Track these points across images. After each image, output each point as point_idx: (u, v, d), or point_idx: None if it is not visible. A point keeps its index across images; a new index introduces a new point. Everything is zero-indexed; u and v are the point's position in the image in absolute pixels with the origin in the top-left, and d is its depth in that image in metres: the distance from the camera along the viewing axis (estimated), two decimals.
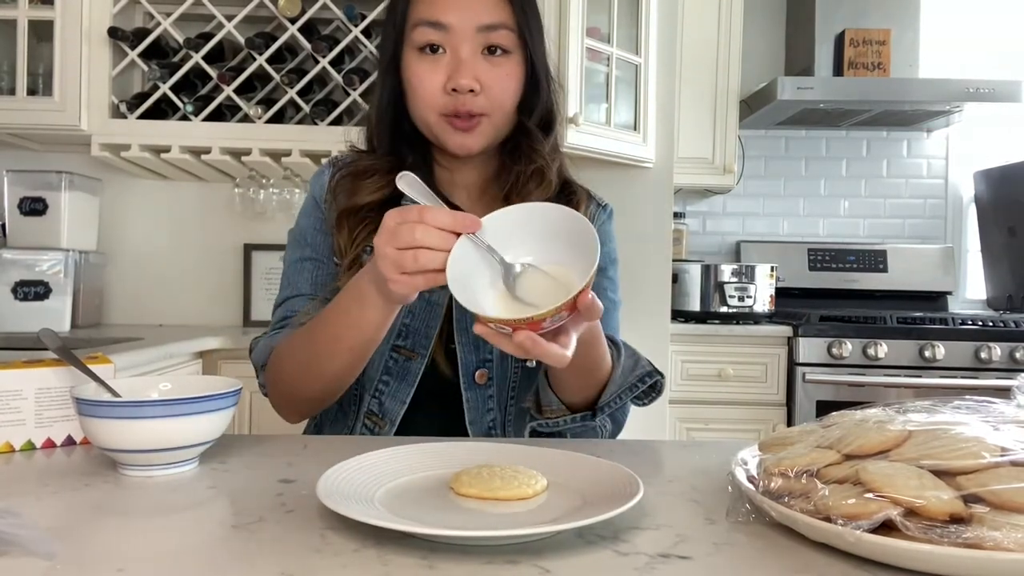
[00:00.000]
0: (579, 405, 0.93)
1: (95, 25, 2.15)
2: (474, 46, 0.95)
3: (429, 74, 0.95)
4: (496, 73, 0.96)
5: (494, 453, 0.73)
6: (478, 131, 0.97)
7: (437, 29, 0.94)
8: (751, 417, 2.61)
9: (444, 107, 0.95)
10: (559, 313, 0.66)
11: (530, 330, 0.67)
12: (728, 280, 2.71)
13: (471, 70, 0.94)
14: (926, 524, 0.49)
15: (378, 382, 1.00)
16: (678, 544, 0.55)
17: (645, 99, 2.42)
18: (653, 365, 0.97)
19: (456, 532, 0.54)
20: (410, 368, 0.99)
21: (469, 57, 0.94)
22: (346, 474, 0.65)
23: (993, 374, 2.53)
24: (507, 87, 0.97)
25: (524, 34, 0.97)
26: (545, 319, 0.66)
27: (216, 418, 0.72)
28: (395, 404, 0.99)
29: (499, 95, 0.96)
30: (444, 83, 0.95)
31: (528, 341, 0.67)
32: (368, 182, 1.00)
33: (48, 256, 2.12)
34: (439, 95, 0.95)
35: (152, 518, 0.60)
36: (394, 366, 0.99)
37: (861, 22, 3.01)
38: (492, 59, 0.96)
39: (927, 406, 0.64)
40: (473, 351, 0.99)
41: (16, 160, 2.35)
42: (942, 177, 3.34)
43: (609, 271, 1.11)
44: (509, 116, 1.00)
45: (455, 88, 0.94)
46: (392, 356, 0.99)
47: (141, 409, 0.69)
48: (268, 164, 2.26)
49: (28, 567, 0.49)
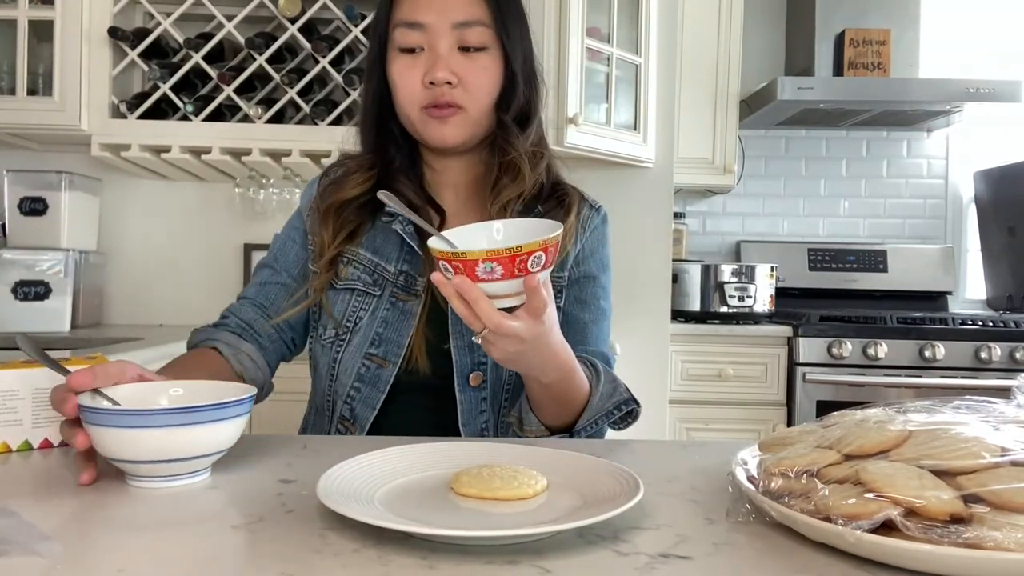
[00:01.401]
0: (557, 427, 0.95)
1: (95, 25, 2.15)
2: (450, 42, 0.98)
3: (410, 70, 0.99)
4: (472, 67, 0.99)
5: (494, 453, 0.73)
6: (454, 122, 1.00)
7: (415, 29, 0.99)
8: (751, 417, 2.61)
9: (423, 100, 0.99)
10: (491, 262, 0.70)
11: (467, 274, 0.71)
12: (728, 280, 2.71)
13: (447, 64, 0.98)
14: (926, 524, 0.49)
15: (350, 388, 1.02)
16: (678, 544, 0.55)
17: (645, 99, 2.42)
18: (630, 392, 0.98)
19: (456, 532, 0.54)
20: (381, 375, 1.01)
21: (445, 52, 0.98)
22: (346, 474, 0.65)
23: (993, 374, 2.53)
24: (482, 81, 1.00)
25: (500, 31, 1.00)
26: (477, 262, 0.70)
27: (230, 426, 0.68)
28: (366, 410, 1.01)
29: (475, 89, 0.99)
30: (423, 78, 0.98)
31: (465, 284, 0.71)
32: (352, 177, 1.05)
33: (48, 256, 2.12)
34: (419, 90, 0.99)
35: (152, 518, 0.60)
36: (366, 373, 1.01)
37: (861, 22, 3.01)
38: (468, 55, 0.99)
39: (927, 406, 0.64)
40: (468, 353, 1.01)
41: (16, 160, 2.35)
42: (942, 177, 3.34)
43: (601, 278, 1.10)
44: (486, 111, 1.02)
45: (432, 81, 0.97)
46: (365, 364, 1.01)
47: (150, 418, 0.65)
48: (268, 164, 2.26)
49: (27, 567, 0.49)
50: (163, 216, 2.49)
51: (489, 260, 0.70)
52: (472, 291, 0.72)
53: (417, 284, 1.02)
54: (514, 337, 0.75)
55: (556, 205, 1.07)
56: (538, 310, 0.74)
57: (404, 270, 1.03)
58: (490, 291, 0.72)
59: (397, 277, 1.03)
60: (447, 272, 0.73)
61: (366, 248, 1.04)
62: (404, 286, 1.02)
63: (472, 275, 0.71)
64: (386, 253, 1.04)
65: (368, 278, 1.03)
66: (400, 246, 1.04)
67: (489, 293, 0.72)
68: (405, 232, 1.03)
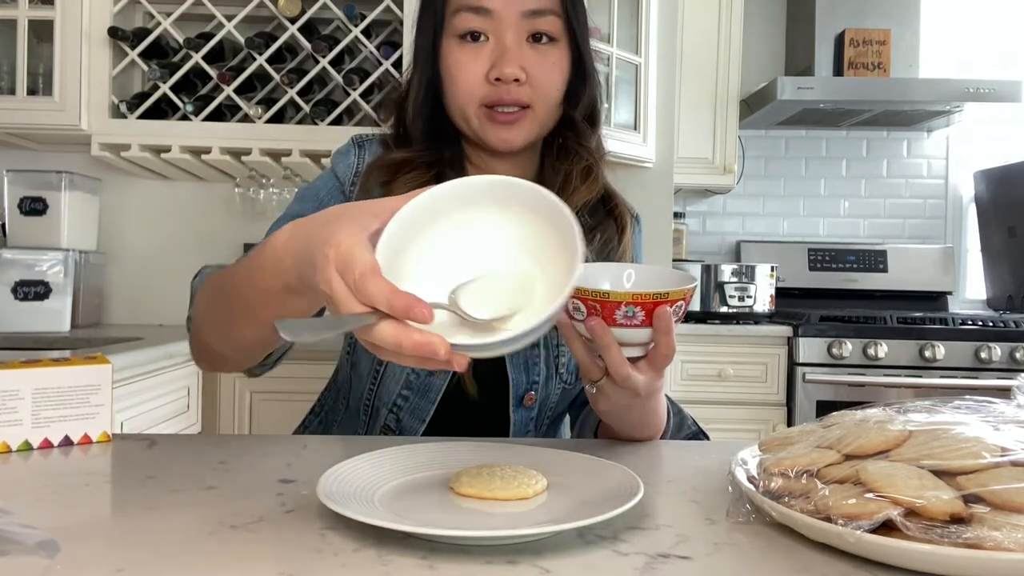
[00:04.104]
0: None
1: (95, 25, 2.15)
2: (519, 33, 0.89)
3: (471, 62, 0.89)
4: (542, 62, 0.90)
5: (494, 453, 0.73)
6: (521, 124, 0.91)
7: (480, 15, 0.88)
8: (751, 417, 2.61)
9: (486, 97, 0.89)
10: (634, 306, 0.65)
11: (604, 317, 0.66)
12: (728, 280, 2.71)
13: (516, 58, 0.88)
14: (926, 524, 0.49)
15: (397, 396, 0.95)
16: (678, 544, 0.55)
17: (645, 99, 2.42)
18: (698, 425, 0.94)
19: (456, 532, 0.54)
20: (432, 384, 0.94)
21: (514, 45, 0.88)
22: (346, 474, 0.65)
23: (993, 374, 2.53)
24: (554, 77, 0.91)
25: (572, 21, 0.91)
26: (620, 304, 0.65)
27: None
28: (414, 421, 0.95)
29: (545, 85, 0.90)
30: (487, 72, 0.89)
31: (600, 328, 0.65)
32: (405, 177, 0.92)
33: (48, 256, 2.12)
34: (481, 84, 0.89)
35: (152, 518, 0.60)
36: (415, 381, 0.94)
37: (861, 22, 3.01)
38: (538, 47, 0.90)
39: (927, 406, 0.64)
40: (524, 372, 0.95)
41: (16, 160, 2.35)
42: (942, 177, 3.34)
43: None
44: (554, 109, 0.94)
45: (499, 78, 0.88)
46: (414, 370, 0.92)
47: None
48: (268, 164, 2.26)
49: (27, 567, 0.49)
50: (163, 216, 2.49)
51: (633, 304, 0.65)
52: (606, 336, 0.66)
53: None
54: (632, 391, 0.70)
55: (606, 216, 1.00)
56: (664, 362, 0.70)
57: None
58: (623, 338, 0.67)
59: None
60: (576, 312, 0.67)
61: None
62: None
63: (610, 319, 0.66)
64: None
65: None
66: None
67: (621, 340, 0.67)
68: None
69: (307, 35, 2.23)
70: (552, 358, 0.96)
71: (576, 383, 0.99)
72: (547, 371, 0.96)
